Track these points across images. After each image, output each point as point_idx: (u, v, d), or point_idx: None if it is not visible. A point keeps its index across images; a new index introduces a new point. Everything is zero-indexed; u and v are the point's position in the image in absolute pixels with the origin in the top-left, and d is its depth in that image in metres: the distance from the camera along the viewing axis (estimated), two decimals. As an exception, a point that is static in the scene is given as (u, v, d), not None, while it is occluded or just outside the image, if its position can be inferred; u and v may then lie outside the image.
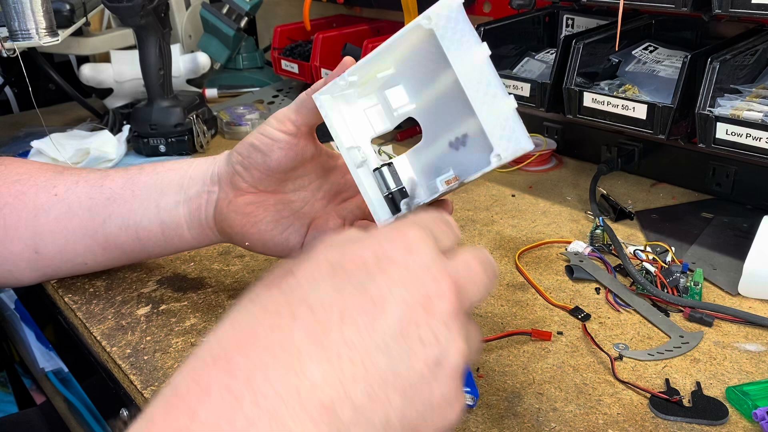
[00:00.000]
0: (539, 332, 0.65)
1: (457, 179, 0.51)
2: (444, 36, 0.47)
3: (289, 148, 0.60)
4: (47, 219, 0.68)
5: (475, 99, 0.47)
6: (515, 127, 0.45)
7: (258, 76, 1.53)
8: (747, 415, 0.54)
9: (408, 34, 0.49)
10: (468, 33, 0.47)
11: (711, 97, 0.73)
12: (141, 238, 0.68)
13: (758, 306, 0.70)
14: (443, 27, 0.47)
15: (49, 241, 0.69)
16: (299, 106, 0.58)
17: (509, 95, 0.46)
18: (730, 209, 0.90)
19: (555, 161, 1.09)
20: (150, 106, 1.13)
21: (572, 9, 1.02)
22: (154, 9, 1.05)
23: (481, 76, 0.47)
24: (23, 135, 1.23)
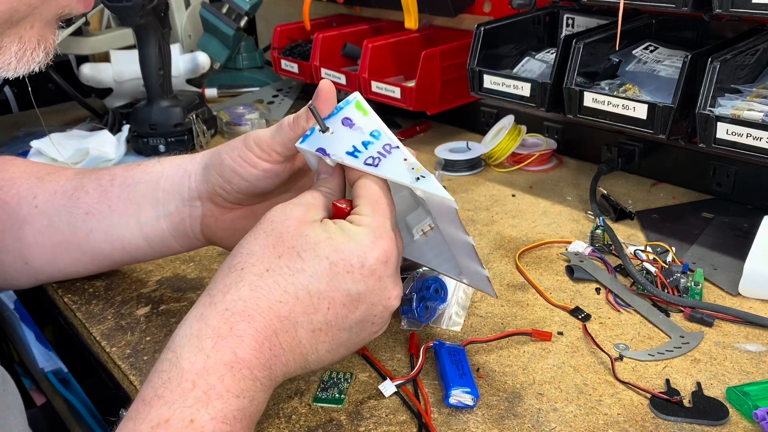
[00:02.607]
0: (539, 332, 0.65)
1: (431, 228, 0.61)
2: (432, 211, 0.57)
3: (275, 174, 0.59)
4: (31, 231, 0.67)
5: (451, 245, 0.59)
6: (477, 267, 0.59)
7: (258, 76, 1.53)
8: (747, 415, 0.54)
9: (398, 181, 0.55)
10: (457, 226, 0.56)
11: (711, 96, 0.72)
12: (128, 250, 0.68)
13: (759, 306, 0.70)
14: (436, 211, 0.56)
15: (36, 252, 0.68)
16: (283, 137, 0.57)
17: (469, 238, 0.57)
18: (730, 209, 0.90)
19: (555, 161, 1.09)
20: (149, 106, 1.13)
21: (572, 9, 1.02)
22: (153, 9, 1.05)
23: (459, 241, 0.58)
24: (23, 135, 1.23)
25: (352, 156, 0.55)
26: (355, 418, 0.56)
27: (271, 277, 0.47)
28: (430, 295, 0.67)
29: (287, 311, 0.47)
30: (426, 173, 0.54)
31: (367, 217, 0.50)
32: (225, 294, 0.46)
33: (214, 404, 0.42)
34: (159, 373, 0.44)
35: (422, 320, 0.67)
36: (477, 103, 1.20)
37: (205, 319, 0.45)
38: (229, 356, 0.44)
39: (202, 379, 0.43)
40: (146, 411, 0.42)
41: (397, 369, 0.61)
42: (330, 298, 0.48)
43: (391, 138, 0.56)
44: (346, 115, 0.57)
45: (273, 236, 0.48)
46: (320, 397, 0.58)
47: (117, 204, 0.66)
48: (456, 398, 0.55)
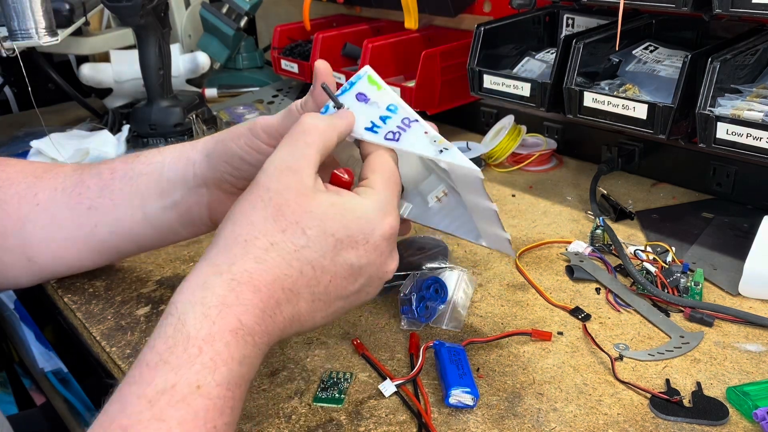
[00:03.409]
0: (539, 332, 0.65)
1: (445, 194, 0.62)
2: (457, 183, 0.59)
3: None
4: (34, 230, 0.67)
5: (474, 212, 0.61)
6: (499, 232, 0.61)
7: (258, 76, 1.53)
8: (747, 415, 0.54)
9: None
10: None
11: (711, 96, 0.72)
12: (135, 240, 0.68)
13: (759, 306, 0.70)
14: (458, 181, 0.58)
15: (40, 249, 0.68)
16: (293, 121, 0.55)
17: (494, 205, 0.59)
18: (730, 209, 0.90)
19: (555, 161, 1.09)
20: (149, 106, 1.13)
21: (572, 9, 1.02)
22: (153, 9, 1.05)
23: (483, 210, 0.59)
24: (23, 135, 1.23)
25: (371, 132, 0.55)
26: (355, 418, 0.56)
27: (276, 251, 0.47)
28: (430, 295, 0.67)
29: (291, 284, 0.47)
30: (449, 145, 0.54)
31: (379, 193, 0.51)
32: (231, 265, 0.46)
33: (220, 371, 0.43)
34: (163, 338, 0.43)
35: (422, 320, 0.67)
36: (477, 103, 1.20)
37: (210, 287, 0.45)
38: (234, 323, 0.44)
39: (208, 345, 0.43)
40: (151, 375, 0.42)
41: (397, 369, 0.61)
42: (333, 272, 0.49)
43: (408, 111, 0.55)
44: (360, 90, 0.56)
45: (272, 208, 0.48)
46: (320, 397, 0.58)
47: (120, 197, 0.66)
48: (456, 398, 0.55)
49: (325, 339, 0.66)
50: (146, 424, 0.40)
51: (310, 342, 0.66)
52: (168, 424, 0.40)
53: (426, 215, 0.63)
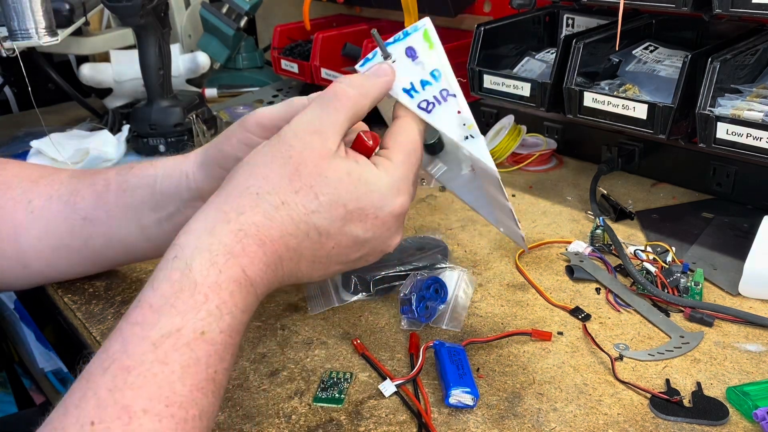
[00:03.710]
0: (539, 332, 0.65)
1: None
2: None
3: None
4: (28, 238, 0.67)
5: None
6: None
7: (258, 76, 1.53)
8: (747, 415, 0.54)
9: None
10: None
11: (711, 96, 0.72)
12: (130, 252, 0.67)
13: (759, 306, 0.70)
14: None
15: (35, 257, 0.68)
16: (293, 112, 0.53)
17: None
18: (730, 209, 0.90)
19: (555, 161, 1.09)
20: (149, 106, 1.13)
21: (572, 9, 1.02)
22: (153, 9, 1.05)
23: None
24: (23, 135, 1.23)
25: (407, 94, 0.53)
26: (355, 418, 0.56)
27: (286, 211, 0.47)
28: (430, 295, 0.67)
29: (296, 244, 0.48)
30: (476, 133, 0.52)
31: (397, 169, 0.50)
32: (239, 215, 0.46)
33: (224, 318, 0.44)
34: (169, 282, 0.44)
35: (422, 320, 0.67)
36: (477, 103, 1.20)
37: (217, 234, 0.46)
38: (239, 274, 0.45)
39: (214, 293, 0.44)
40: (155, 318, 0.42)
41: (397, 369, 0.61)
42: (337, 239, 0.49)
43: (449, 82, 0.52)
44: (411, 44, 0.53)
45: (290, 166, 0.48)
46: (320, 397, 0.58)
47: (114, 210, 0.65)
48: (456, 398, 0.55)
49: (325, 339, 0.66)
50: (149, 366, 0.41)
51: (310, 342, 0.66)
52: (171, 368, 0.41)
53: (455, 182, 0.60)
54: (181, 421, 0.40)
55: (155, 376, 0.41)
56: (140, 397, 0.40)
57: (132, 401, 0.40)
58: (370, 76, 0.52)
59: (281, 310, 0.71)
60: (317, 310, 0.70)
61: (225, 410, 0.57)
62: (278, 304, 0.72)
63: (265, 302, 0.72)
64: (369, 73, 0.52)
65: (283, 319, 0.69)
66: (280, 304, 0.72)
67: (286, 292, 0.74)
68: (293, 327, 0.68)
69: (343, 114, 0.50)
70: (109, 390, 0.40)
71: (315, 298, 0.72)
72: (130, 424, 0.39)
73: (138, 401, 0.40)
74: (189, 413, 0.41)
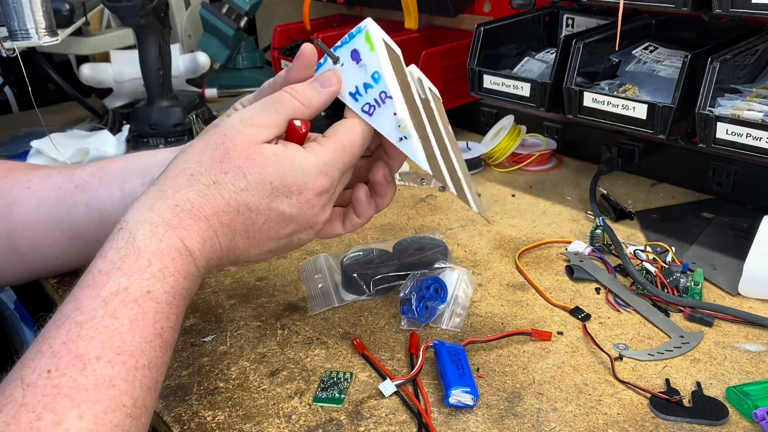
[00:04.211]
0: (539, 332, 0.65)
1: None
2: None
3: None
4: (20, 212, 0.68)
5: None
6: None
7: (258, 76, 1.53)
8: (747, 415, 0.54)
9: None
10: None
11: (711, 96, 0.73)
12: (104, 224, 0.67)
13: (758, 306, 0.70)
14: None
15: (22, 234, 0.68)
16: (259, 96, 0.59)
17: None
18: (730, 209, 0.90)
19: (555, 161, 1.09)
20: (150, 106, 1.13)
21: (572, 9, 1.02)
22: (153, 9, 1.05)
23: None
24: (23, 135, 1.23)
25: (353, 98, 0.54)
26: (355, 418, 0.56)
27: (217, 189, 0.51)
28: (430, 295, 0.67)
29: (228, 220, 0.52)
30: (409, 133, 0.53)
31: (324, 152, 0.54)
32: (176, 192, 0.51)
33: (167, 280, 0.48)
34: (115, 249, 0.48)
35: (422, 320, 0.67)
36: (477, 103, 1.20)
37: (156, 209, 0.50)
38: (178, 243, 0.49)
39: (157, 258, 0.48)
40: (104, 280, 0.47)
41: (397, 369, 0.61)
42: (266, 215, 0.53)
43: (387, 84, 0.53)
44: (355, 46, 0.54)
45: (221, 150, 0.52)
46: (320, 397, 0.58)
47: (109, 176, 0.67)
48: (456, 398, 0.56)
49: (325, 339, 0.66)
50: (100, 320, 0.45)
51: (310, 342, 0.66)
52: (120, 321, 0.45)
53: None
54: (131, 369, 0.44)
55: (106, 327, 0.45)
56: (93, 346, 0.44)
57: (85, 350, 0.43)
58: (316, 87, 0.56)
59: (281, 310, 0.71)
60: (317, 310, 0.70)
61: (225, 410, 0.57)
62: (278, 304, 0.72)
63: (265, 302, 0.72)
64: (317, 83, 0.56)
65: (283, 319, 0.69)
66: (280, 304, 0.72)
67: (286, 292, 0.74)
68: (293, 327, 0.68)
69: (282, 116, 0.54)
70: (63, 342, 0.44)
71: (315, 298, 0.72)
72: (85, 369, 0.43)
73: (91, 350, 0.44)
74: (139, 362, 0.45)
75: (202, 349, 0.65)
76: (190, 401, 0.58)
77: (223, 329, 0.68)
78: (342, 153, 0.54)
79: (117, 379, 0.43)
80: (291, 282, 0.76)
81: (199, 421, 0.56)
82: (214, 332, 0.68)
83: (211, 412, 0.57)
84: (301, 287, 0.75)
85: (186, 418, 0.56)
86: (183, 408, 0.57)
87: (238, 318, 0.70)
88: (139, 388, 0.45)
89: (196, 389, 0.60)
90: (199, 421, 0.56)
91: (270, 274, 0.78)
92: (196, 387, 0.60)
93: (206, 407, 0.58)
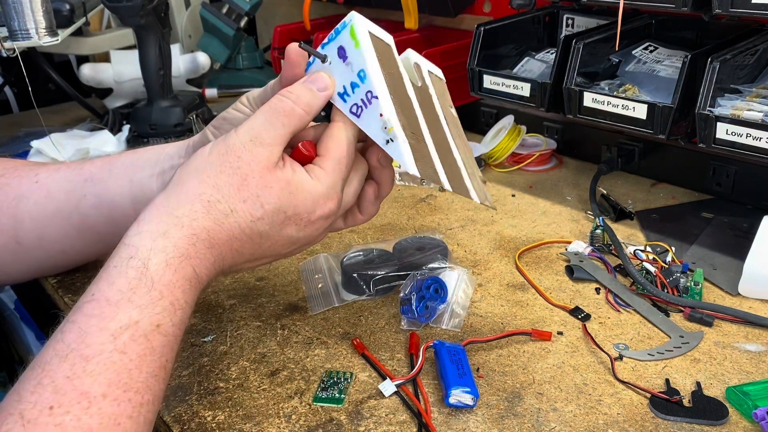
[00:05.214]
0: (539, 332, 0.65)
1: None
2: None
3: None
4: (27, 205, 0.68)
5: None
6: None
7: (258, 76, 1.53)
8: (747, 415, 0.54)
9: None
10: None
11: (711, 97, 0.73)
12: (113, 216, 0.67)
13: (758, 306, 0.70)
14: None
15: (29, 228, 0.68)
16: (263, 96, 0.62)
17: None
18: (730, 209, 0.90)
19: (555, 161, 1.09)
20: (150, 106, 1.13)
21: (572, 9, 1.02)
22: (154, 9, 1.05)
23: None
24: (23, 135, 1.23)
25: (341, 99, 0.53)
26: (355, 418, 0.56)
27: (234, 218, 0.52)
28: (430, 295, 0.67)
29: (239, 245, 0.53)
30: (395, 135, 0.51)
31: (327, 177, 0.55)
32: (192, 221, 0.51)
33: (177, 314, 0.48)
34: (126, 279, 0.47)
35: (422, 320, 0.67)
36: (477, 103, 1.20)
37: (171, 238, 0.50)
38: (190, 273, 0.50)
39: (168, 290, 0.48)
40: (112, 311, 0.46)
41: (397, 369, 0.61)
42: (274, 239, 0.55)
43: (373, 83, 0.51)
44: (341, 43, 0.52)
45: (239, 177, 0.52)
46: (320, 397, 0.58)
47: (119, 168, 0.67)
48: (456, 398, 0.56)
49: (325, 339, 0.66)
50: (108, 355, 0.44)
51: (310, 342, 0.66)
52: (129, 356, 0.45)
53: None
54: (137, 405, 0.44)
55: (114, 363, 0.44)
56: (99, 383, 0.43)
57: (91, 387, 0.42)
58: (314, 91, 0.55)
59: (281, 310, 0.71)
60: (317, 310, 0.70)
61: (225, 410, 0.57)
62: (278, 304, 0.72)
63: (265, 302, 0.72)
64: (313, 87, 0.55)
65: (283, 319, 0.69)
66: (280, 304, 0.72)
67: (286, 292, 0.74)
68: (293, 327, 0.68)
69: (288, 129, 0.54)
70: (67, 377, 0.42)
71: (315, 298, 0.72)
72: (90, 407, 0.42)
73: (97, 387, 0.43)
74: (144, 398, 0.45)
75: (202, 349, 0.65)
76: (190, 401, 0.58)
77: (223, 329, 0.68)
78: (339, 169, 0.55)
79: (122, 417, 0.43)
80: (291, 282, 0.76)
81: (199, 421, 0.56)
82: (214, 332, 0.68)
83: (211, 412, 0.57)
84: (301, 287, 0.75)
85: (186, 418, 0.56)
86: (183, 408, 0.57)
87: (238, 318, 0.70)
88: (142, 423, 0.45)
89: (196, 389, 0.60)
90: (199, 421, 0.56)
91: (270, 274, 0.78)
92: (196, 387, 0.60)
93: (206, 407, 0.58)
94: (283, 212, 0.53)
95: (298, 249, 0.58)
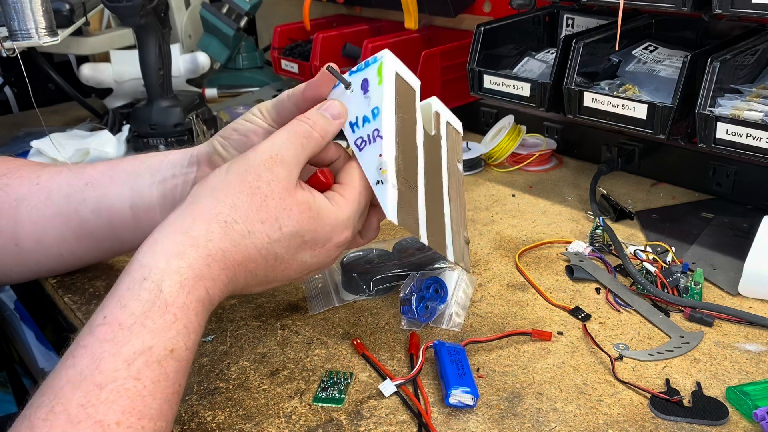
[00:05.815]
0: (539, 332, 0.65)
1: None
2: None
3: (265, 134, 0.61)
4: (27, 207, 0.68)
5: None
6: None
7: (258, 76, 1.53)
8: (747, 415, 0.54)
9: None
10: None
11: (711, 96, 0.73)
12: (112, 222, 0.67)
13: (758, 306, 0.70)
14: None
15: (28, 230, 0.68)
16: (279, 105, 0.61)
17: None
18: (730, 209, 0.90)
19: (555, 161, 1.09)
20: (150, 106, 1.13)
21: (572, 9, 1.02)
22: (153, 9, 1.05)
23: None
24: (23, 135, 1.23)
25: (351, 128, 0.54)
26: (355, 418, 0.56)
27: (251, 239, 0.51)
28: (430, 295, 0.67)
29: (254, 267, 0.53)
30: (386, 178, 0.53)
31: (348, 206, 0.55)
32: (208, 241, 0.50)
33: (190, 337, 0.48)
34: (139, 302, 0.46)
35: (422, 320, 0.67)
36: (477, 103, 1.20)
37: (187, 259, 0.49)
38: (204, 294, 0.49)
39: (182, 313, 0.47)
40: (126, 336, 0.45)
41: (397, 369, 0.61)
42: (288, 263, 0.55)
43: (382, 123, 0.53)
44: (367, 76, 0.54)
45: (258, 197, 0.52)
46: (320, 397, 0.58)
47: (120, 174, 0.67)
48: (456, 398, 0.56)
49: (325, 339, 0.66)
50: (122, 382, 0.43)
51: (310, 342, 0.66)
52: (143, 383, 0.44)
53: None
54: None
55: (128, 391, 0.43)
56: (114, 411, 0.42)
57: (105, 416, 0.42)
58: (329, 119, 0.56)
59: (281, 310, 0.71)
60: (317, 310, 0.70)
61: (225, 410, 0.57)
62: (278, 304, 0.72)
63: (265, 302, 0.72)
64: (327, 114, 0.56)
65: (283, 319, 0.69)
66: (280, 304, 0.72)
67: (286, 292, 0.74)
68: (293, 327, 0.68)
69: (307, 151, 0.55)
70: (81, 405, 0.42)
71: (315, 298, 0.72)
72: None
73: (111, 415, 0.42)
74: (157, 424, 0.44)
75: (202, 349, 0.65)
76: (190, 401, 0.58)
77: (223, 329, 0.68)
78: (360, 200, 0.56)
79: None
80: (291, 282, 0.76)
81: (199, 421, 0.56)
82: (214, 332, 0.68)
83: (211, 412, 0.57)
84: (301, 287, 0.75)
85: (186, 418, 0.56)
86: (183, 408, 0.57)
87: (238, 318, 0.70)
88: None
89: (196, 389, 0.60)
90: (199, 421, 0.56)
91: (270, 274, 0.78)
92: (196, 387, 0.60)
93: (206, 407, 0.58)
94: (300, 236, 0.53)
95: (307, 274, 0.58)
